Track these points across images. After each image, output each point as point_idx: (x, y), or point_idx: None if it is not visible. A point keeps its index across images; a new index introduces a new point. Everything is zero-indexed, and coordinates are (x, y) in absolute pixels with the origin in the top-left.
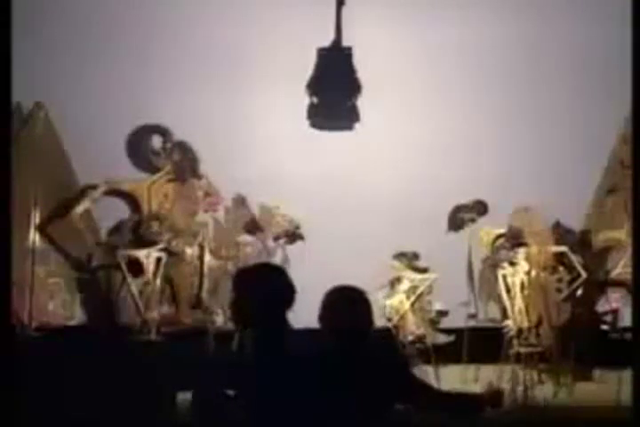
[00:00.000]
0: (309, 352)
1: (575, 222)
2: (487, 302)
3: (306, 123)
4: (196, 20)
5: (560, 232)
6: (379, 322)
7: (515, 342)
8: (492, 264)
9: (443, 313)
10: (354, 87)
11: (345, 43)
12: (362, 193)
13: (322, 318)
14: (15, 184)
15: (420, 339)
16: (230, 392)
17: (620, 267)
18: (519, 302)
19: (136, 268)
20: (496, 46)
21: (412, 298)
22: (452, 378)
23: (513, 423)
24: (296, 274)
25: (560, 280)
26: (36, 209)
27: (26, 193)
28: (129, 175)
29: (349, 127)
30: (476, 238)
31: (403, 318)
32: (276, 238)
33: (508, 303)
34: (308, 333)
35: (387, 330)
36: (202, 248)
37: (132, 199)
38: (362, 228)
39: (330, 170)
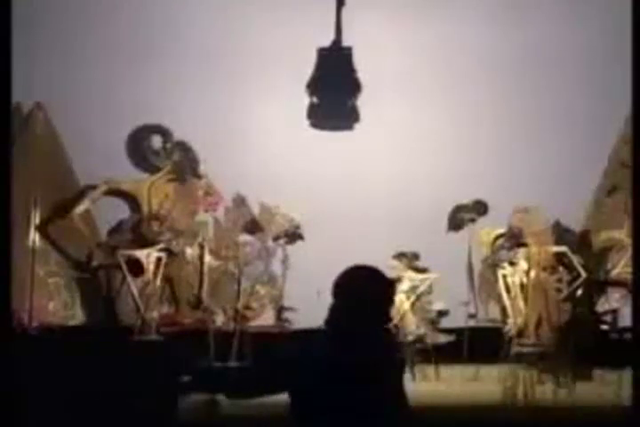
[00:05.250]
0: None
1: (575, 222)
2: (487, 302)
3: (306, 123)
4: (197, 20)
5: (560, 232)
6: None
7: (515, 341)
8: (492, 264)
9: (443, 313)
10: (354, 87)
11: (345, 43)
12: (362, 193)
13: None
14: (15, 184)
15: (420, 339)
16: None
17: (620, 267)
18: (519, 302)
19: (136, 268)
20: (497, 46)
21: (412, 298)
22: (453, 378)
23: (513, 423)
24: (296, 274)
25: (560, 280)
26: (36, 209)
27: (26, 193)
28: (129, 175)
29: (349, 127)
30: (476, 238)
31: (403, 318)
32: (276, 238)
33: (508, 303)
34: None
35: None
36: (202, 248)
37: (132, 199)
38: (362, 228)
39: (330, 170)
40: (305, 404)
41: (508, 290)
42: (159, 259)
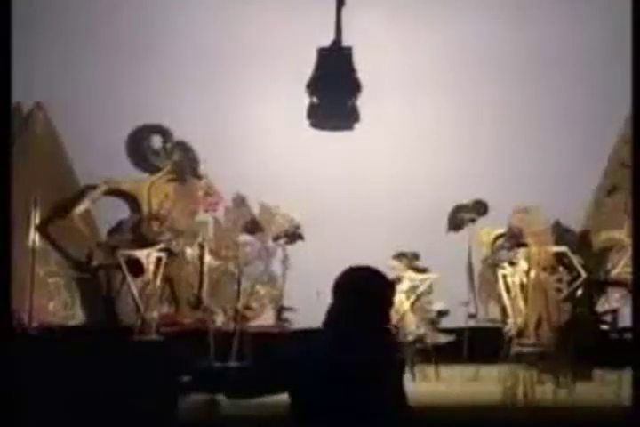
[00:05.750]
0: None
1: (575, 222)
2: (487, 302)
3: (306, 123)
4: (196, 20)
5: (560, 232)
6: None
7: (515, 341)
8: (492, 264)
9: (443, 313)
10: (354, 87)
11: (345, 43)
12: (362, 193)
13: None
14: (15, 184)
15: (421, 339)
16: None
17: (620, 267)
18: (519, 302)
19: (136, 268)
20: (497, 46)
21: (412, 298)
22: (453, 378)
23: (513, 423)
24: (296, 274)
25: (560, 280)
26: (36, 209)
27: (26, 193)
28: (129, 175)
29: (349, 127)
30: (476, 238)
31: (403, 318)
32: (276, 238)
33: (508, 303)
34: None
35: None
36: (202, 248)
37: (132, 199)
38: (362, 228)
39: (330, 170)
40: (305, 404)
41: (508, 290)
42: (159, 259)
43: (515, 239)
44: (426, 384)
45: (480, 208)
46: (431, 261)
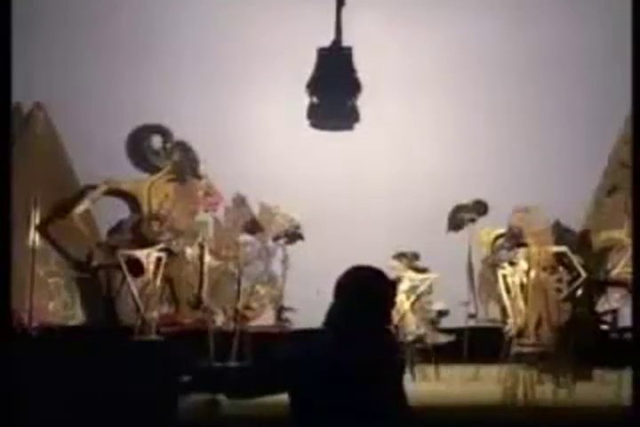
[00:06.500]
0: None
1: (575, 222)
2: (487, 302)
3: (306, 123)
4: (196, 20)
5: (560, 232)
6: None
7: (515, 341)
8: (492, 264)
9: (443, 313)
10: (354, 87)
11: (345, 43)
12: (362, 193)
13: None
14: (15, 184)
15: (420, 339)
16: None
17: (620, 267)
18: (519, 302)
19: (136, 268)
20: (497, 46)
21: (412, 298)
22: (453, 378)
23: (513, 423)
24: (296, 274)
25: (560, 280)
26: (36, 209)
27: (26, 193)
28: (129, 175)
29: (349, 127)
30: (476, 238)
31: (403, 318)
32: (276, 238)
33: (508, 303)
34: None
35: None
36: (202, 248)
37: (132, 199)
38: (362, 228)
39: (330, 170)
40: (305, 404)
41: (508, 290)
42: (159, 259)
43: (515, 239)
44: (426, 384)
45: (480, 208)
46: (431, 261)
